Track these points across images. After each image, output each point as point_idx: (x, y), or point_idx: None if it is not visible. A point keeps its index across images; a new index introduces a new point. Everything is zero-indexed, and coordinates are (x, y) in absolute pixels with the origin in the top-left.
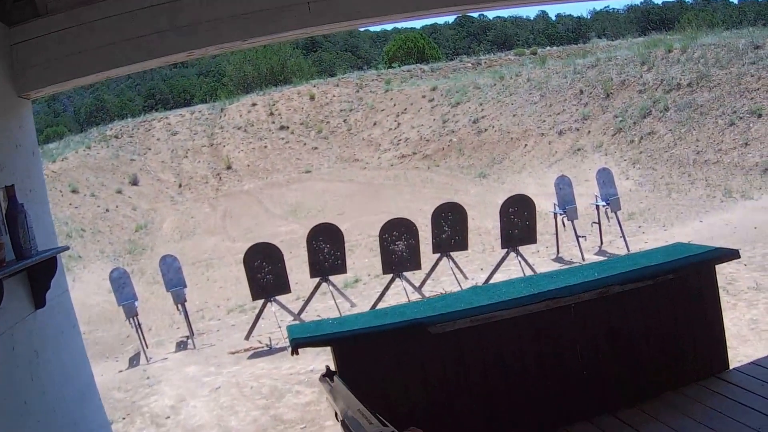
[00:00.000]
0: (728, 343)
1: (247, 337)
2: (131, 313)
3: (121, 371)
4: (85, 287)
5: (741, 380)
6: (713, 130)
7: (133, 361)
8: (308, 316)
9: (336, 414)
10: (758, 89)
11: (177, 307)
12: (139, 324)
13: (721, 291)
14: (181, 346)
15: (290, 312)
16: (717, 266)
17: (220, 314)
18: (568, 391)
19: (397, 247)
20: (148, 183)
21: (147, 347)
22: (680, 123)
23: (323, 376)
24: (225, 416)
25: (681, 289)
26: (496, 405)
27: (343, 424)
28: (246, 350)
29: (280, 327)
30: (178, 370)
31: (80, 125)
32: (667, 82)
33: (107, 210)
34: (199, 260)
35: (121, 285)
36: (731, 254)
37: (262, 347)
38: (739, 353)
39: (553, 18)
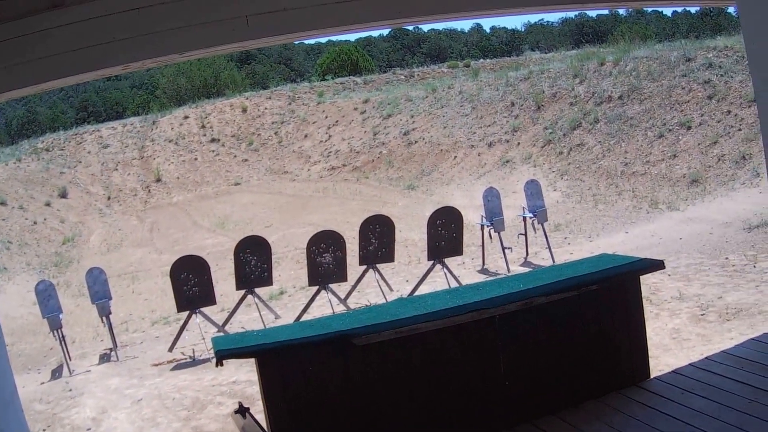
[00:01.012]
0: (650, 353)
1: (170, 349)
2: (56, 325)
3: (43, 383)
4: (9, 299)
5: (662, 389)
6: (642, 142)
7: (56, 373)
8: (233, 328)
9: None
10: (688, 101)
11: (102, 320)
12: (63, 336)
13: (644, 301)
14: (105, 358)
15: (215, 324)
16: (641, 277)
17: (145, 326)
18: (490, 401)
19: (324, 260)
20: (77, 196)
21: (70, 359)
22: (609, 135)
23: (235, 412)
24: (146, 428)
25: (605, 300)
26: (421, 415)
27: None
28: (169, 362)
29: (204, 339)
30: (100, 382)
31: (11, 137)
32: (599, 95)
33: (35, 222)
34: (125, 273)
35: (47, 297)
36: (656, 265)
37: (186, 359)
38: (661, 362)
39: (488, 30)
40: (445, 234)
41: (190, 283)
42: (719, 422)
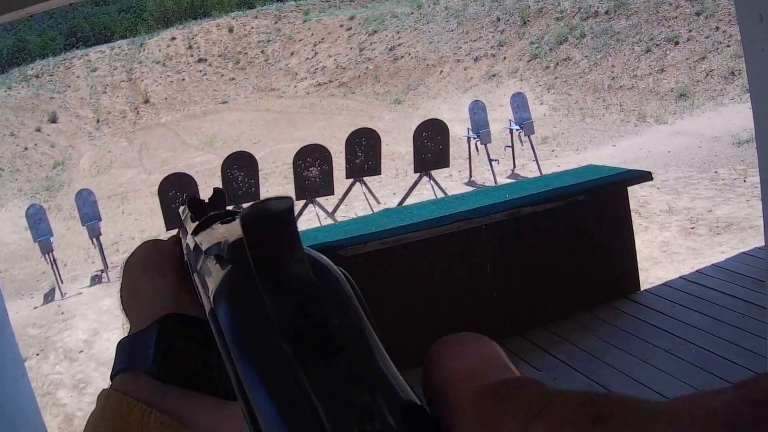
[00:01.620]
0: (640, 265)
1: None
2: (47, 249)
3: (35, 308)
4: (2, 226)
5: (652, 301)
6: (629, 57)
7: (48, 297)
8: None
9: None
10: (676, 17)
11: (92, 241)
12: (55, 260)
13: (634, 214)
14: (96, 279)
15: None
16: (630, 189)
17: (135, 246)
18: (478, 312)
19: (311, 173)
20: (66, 120)
21: (62, 282)
22: (596, 49)
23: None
24: None
25: (593, 211)
26: (407, 327)
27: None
28: None
29: None
30: (92, 304)
31: (2, 66)
32: (585, 10)
33: (26, 148)
34: (114, 194)
35: (37, 221)
36: (643, 176)
37: None
38: (651, 275)
39: None
40: (431, 146)
41: (178, 200)
42: (711, 336)
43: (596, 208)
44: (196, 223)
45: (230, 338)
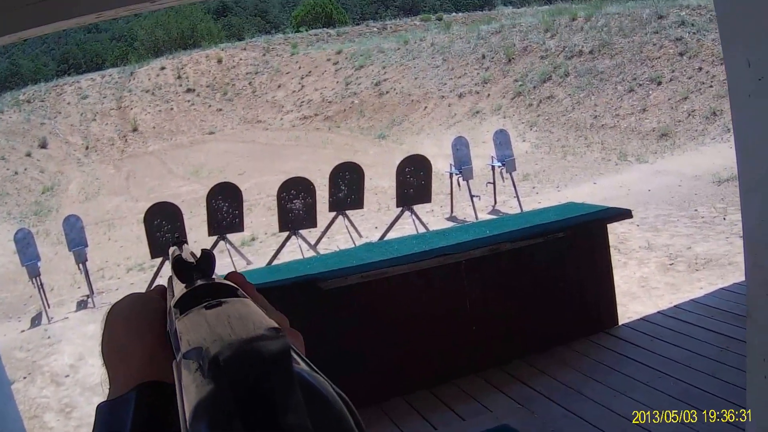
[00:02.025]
0: (619, 300)
1: None
2: (34, 273)
3: (23, 331)
4: None
5: (630, 335)
6: (612, 96)
7: (35, 320)
8: None
9: None
10: (659, 57)
11: (78, 267)
12: (42, 284)
13: (613, 250)
14: (82, 305)
15: None
16: (609, 226)
17: (120, 273)
18: (458, 345)
19: (294, 206)
20: (56, 146)
21: (49, 307)
22: (579, 88)
23: (172, 244)
24: None
25: (573, 247)
26: (387, 359)
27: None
28: None
29: None
30: (78, 329)
31: None
32: (569, 49)
33: (16, 173)
34: (102, 220)
35: (25, 245)
36: (623, 214)
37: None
38: (629, 310)
39: None
40: (413, 181)
41: (164, 229)
42: (690, 370)
43: (576, 245)
44: (181, 289)
45: None
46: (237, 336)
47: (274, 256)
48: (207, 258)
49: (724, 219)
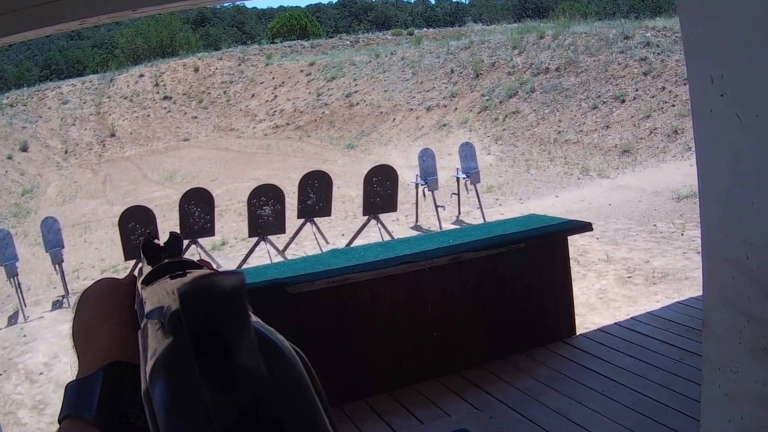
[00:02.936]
0: (577, 311)
1: None
2: (12, 273)
3: (0, 329)
4: None
5: (587, 345)
6: (576, 113)
7: (12, 319)
8: None
9: None
10: (624, 76)
11: (55, 268)
12: (19, 284)
13: (573, 262)
14: (57, 304)
15: None
16: (570, 238)
17: (95, 274)
18: (419, 351)
19: (264, 212)
20: (37, 149)
21: (25, 306)
22: (544, 104)
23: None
24: None
25: (533, 258)
26: (350, 362)
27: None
28: None
29: None
30: (53, 328)
31: None
32: (536, 66)
33: None
34: (78, 223)
35: (4, 246)
36: (583, 226)
37: None
38: (587, 320)
39: (433, 1)
40: (380, 191)
41: (137, 232)
42: (644, 380)
43: (536, 256)
44: (149, 268)
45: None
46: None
47: (244, 261)
48: (175, 239)
49: (682, 234)
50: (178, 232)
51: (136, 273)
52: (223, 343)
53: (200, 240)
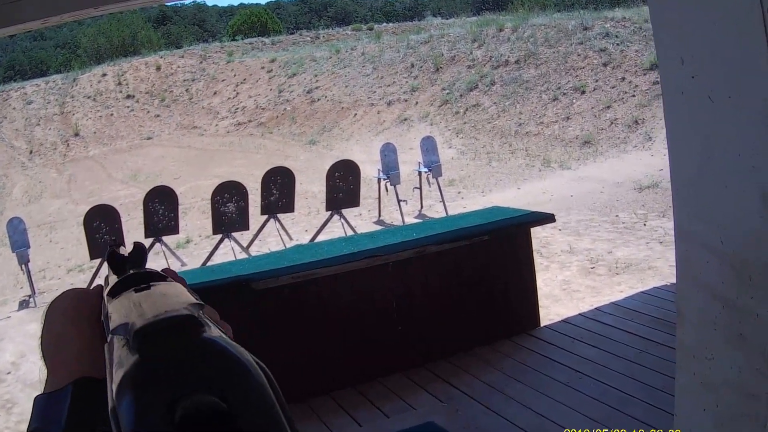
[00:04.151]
0: (541, 303)
1: None
2: None
3: None
4: None
5: (552, 337)
6: (537, 105)
7: None
8: None
9: None
10: (584, 67)
11: (21, 268)
12: None
13: (536, 254)
14: (24, 304)
15: None
16: (532, 230)
17: (61, 274)
18: (384, 344)
19: (228, 209)
20: (2, 150)
21: None
22: (505, 97)
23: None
24: None
25: (496, 250)
26: (315, 357)
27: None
28: None
29: None
30: (19, 328)
31: None
32: (496, 59)
33: None
34: (44, 223)
35: None
36: (546, 218)
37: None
38: (551, 312)
39: None
40: (342, 186)
41: (102, 231)
42: (608, 370)
43: (499, 248)
44: (114, 279)
45: None
46: (159, 310)
47: (208, 258)
48: (139, 251)
49: (645, 225)
50: (144, 230)
51: (102, 283)
52: (179, 369)
53: (165, 238)
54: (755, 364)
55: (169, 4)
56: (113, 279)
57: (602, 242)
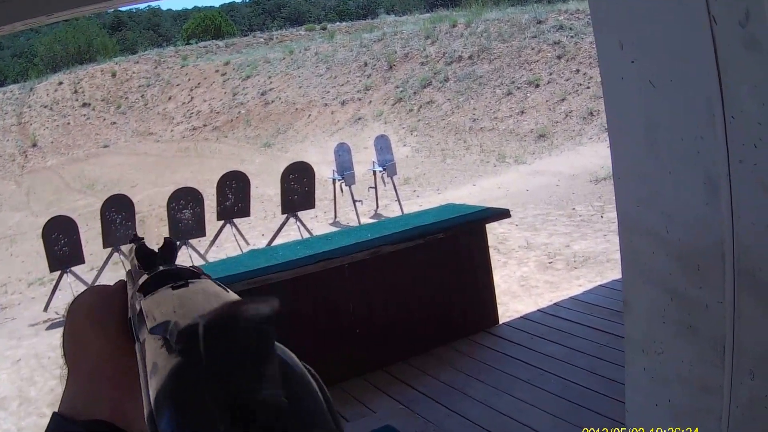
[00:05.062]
0: (499, 300)
1: (45, 309)
2: None
3: None
4: None
5: (510, 334)
6: (491, 100)
7: None
8: None
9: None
10: (537, 61)
11: None
12: None
13: (493, 250)
14: None
15: (84, 282)
16: (489, 226)
17: (22, 288)
18: (342, 348)
19: (184, 216)
20: None
21: None
22: (459, 93)
23: (130, 241)
24: (25, 387)
25: (452, 248)
26: None
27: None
28: (45, 321)
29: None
30: None
31: None
32: (449, 55)
33: None
34: (4, 236)
35: None
36: (501, 213)
37: (60, 318)
38: (510, 309)
39: None
40: (297, 188)
41: (61, 243)
42: (570, 366)
43: (455, 246)
44: (144, 276)
45: None
46: (201, 309)
47: None
48: (169, 246)
49: (602, 217)
50: (102, 241)
51: (125, 279)
52: (245, 375)
53: (123, 247)
54: (708, 357)
55: (123, 8)
56: (138, 274)
57: (559, 236)
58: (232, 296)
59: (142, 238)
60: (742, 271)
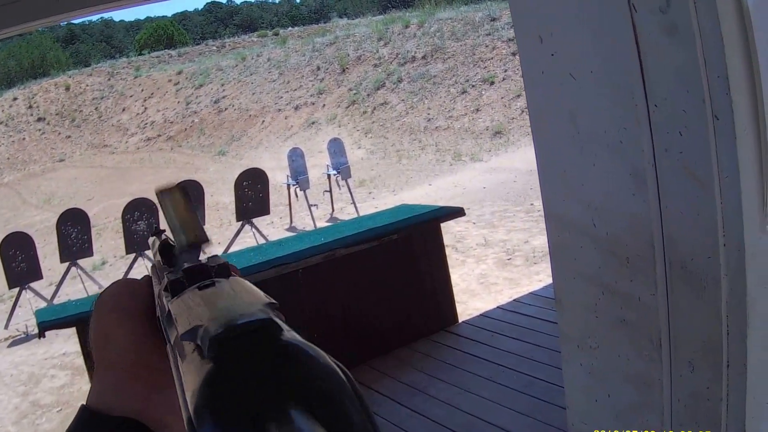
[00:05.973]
0: (458, 298)
1: (6, 326)
2: None
3: None
4: None
5: (471, 332)
6: (445, 99)
7: None
8: (61, 301)
9: None
10: (492, 58)
11: None
12: None
13: (451, 249)
14: None
15: (43, 298)
16: (445, 225)
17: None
18: None
19: (139, 227)
20: None
21: None
22: (413, 93)
23: (152, 234)
24: None
25: (407, 249)
26: None
27: None
28: (6, 339)
29: (34, 314)
30: None
31: None
32: (402, 56)
33: None
34: None
35: None
36: (456, 212)
37: (20, 335)
38: (469, 307)
39: (297, 0)
40: (251, 195)
41: (18, 259)
42: (532, 362)
43: (409, 246)
44: (168, 274)
45: None
46: (233, 312)
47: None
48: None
49: None
50: (59, 255)
51: (149, 273)
52: (267, 379)
53: (80, 261)
54: (645, 351)
55: (76, 21)
56: (163, 270)
57: (518, 232)
58: (261, 296)
59: (164, 230)
60: (673, 262)
